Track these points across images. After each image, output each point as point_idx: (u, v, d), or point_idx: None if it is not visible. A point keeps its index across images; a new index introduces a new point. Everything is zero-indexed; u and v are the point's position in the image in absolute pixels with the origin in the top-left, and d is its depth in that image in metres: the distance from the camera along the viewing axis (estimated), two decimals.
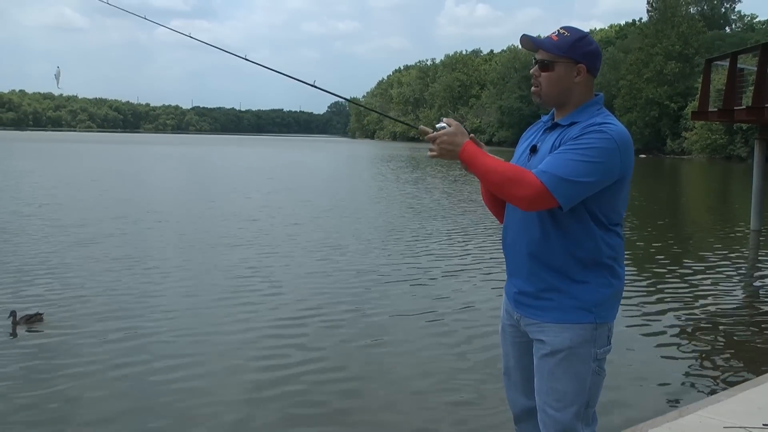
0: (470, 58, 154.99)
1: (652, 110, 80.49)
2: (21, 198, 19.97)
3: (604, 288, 2.94)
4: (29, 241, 12.73)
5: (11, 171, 30.98)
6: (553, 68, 2.97)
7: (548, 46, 2.97)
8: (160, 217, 16.81)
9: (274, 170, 38.49)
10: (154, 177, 32.81)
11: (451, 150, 2.94)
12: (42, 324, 7.57)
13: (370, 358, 7.01)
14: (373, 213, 18.91)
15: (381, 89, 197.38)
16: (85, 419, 5.41)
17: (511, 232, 3.11)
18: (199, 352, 6.94)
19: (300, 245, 13.08)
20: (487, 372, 6.52)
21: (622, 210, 3.00)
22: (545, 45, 2.98)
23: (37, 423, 5.31)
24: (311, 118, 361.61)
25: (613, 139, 2.81)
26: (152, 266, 10.83)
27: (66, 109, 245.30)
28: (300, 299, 9.05)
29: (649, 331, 8.14)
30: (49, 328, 7.52)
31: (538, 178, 2.77)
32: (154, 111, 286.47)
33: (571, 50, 2.94)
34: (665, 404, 5.91)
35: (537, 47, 3.00)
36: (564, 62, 2.96)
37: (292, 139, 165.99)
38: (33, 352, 6.79)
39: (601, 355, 2.99)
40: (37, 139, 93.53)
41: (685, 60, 79.87)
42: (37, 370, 6.33)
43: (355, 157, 62.01)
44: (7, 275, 9.94)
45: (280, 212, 18.21)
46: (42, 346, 6.96)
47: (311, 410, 5.67)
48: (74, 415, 5.47)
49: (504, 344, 3.30)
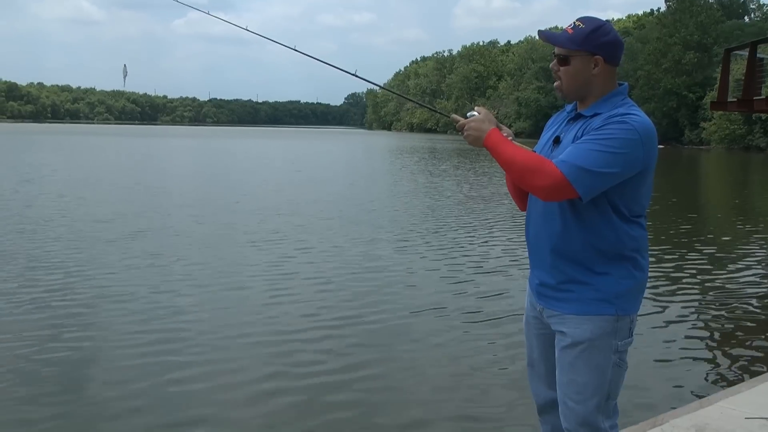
0: (487, 49, 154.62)
1: (671, 100, 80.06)
2: (49, 191, 20.07)
3: (626, 280, 2.93)
4: (58, 236, 12.77)
5: (39, 164, 31.10)
6: (570, 62, 2.96)
7: (563, 40, 2.96)
8: (193, 211, 16.76)
9: (300, 162, 38.41)
10: (181, 170, 32.69)
11: (477, 136, 3.00)
12: (71, 319, 7.64)
13: (396, 350, 7.02)
14: (405, 206, 18.76)
15: (398, 80, 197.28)
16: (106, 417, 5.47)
17: (534, 224, 3.12)
18: (225, 347, 7.00)
19: (336, 240, 12.91)
20: (512, 362, 6.54)
21: (646, 202, 2.99)
22: (560, 39, 2.96)
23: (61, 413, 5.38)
24: (328, 109, 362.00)
25: (635, 129, 2.79)
26: (193, 262, 10.77)
27: (84, 101, 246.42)
28: (341, 296, 8.96)
29: (669, 323, 8.12)
30: (78, 324, 7.58)
31: (558, 168, 2.77)
32: (171, 103, 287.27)
33: (585, 42, 2.92)
34: (686, 395, 5.91)
35: (553, 42, 3.00)
36: (580, 55, 2.94)
37: (309, 131, 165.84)
38: (60, 345, 6.87)
39: (622, 347, 2.98)
40: (57, 131, 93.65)
41: (704, 50, 79.30)
42: (63, 363, 6.40)
43: (378, 149, 61.52)
44: (43, 270, 9.97)
45: (314, 206, 17.95)
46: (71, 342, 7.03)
47: (335, 411, 5.68)
48: (95, 415, 5.50)
49: (528, 336, 3.31)
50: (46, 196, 18.76)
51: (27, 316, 7.62)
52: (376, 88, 4.05)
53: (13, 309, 7.88)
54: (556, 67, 3.01)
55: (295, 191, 21.81)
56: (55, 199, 18.05)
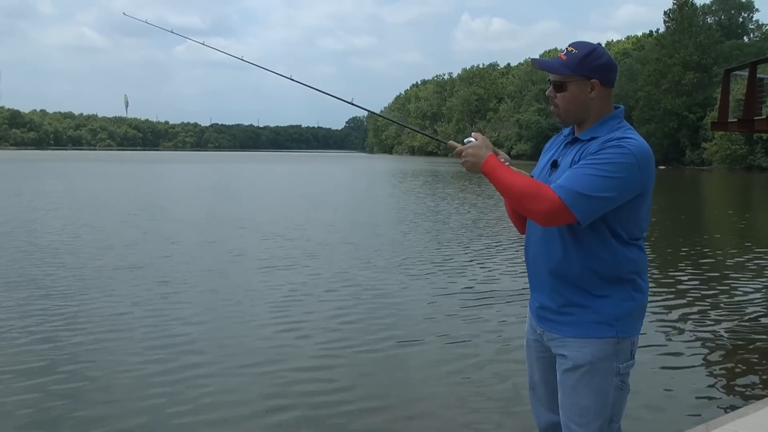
0: (487, 71, 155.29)
1: (671, 121, 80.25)
2: (53, 219, 20.12)
3: (625, 302, 2.94)
4: (63, 263, 12.79)
5: (44, 191, 31.18)
6: (567, 87, 2.98)
7: (557, 66, 2.97)
8: (200, 238, 16.81)
9: (305, 187, 38.46)
10: (186, 196, 32.62)
11: (475, 162, 3.01)
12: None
13: (395, 372, 6.99)
14: (413, 230, 18.75)
15: (398, 104, 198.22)
16: None
17: (533, 248, 3.12)
18: (225, 359, 6.98)
19: (343, 266, 12.80)
20: (514, 386, 6.50)
21: (644, 224, 2.99)
22: (554, 66, 2.98)
23: None
24: (329, 133, 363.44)
25: (632, 153, 2.80)
26: (199, 289, 10.77)
27: (86, 127, 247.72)
28: (348, 323, 8.84)
29: (672, 345, 8.07)
30: (81, 352, 7.57)
31: (556, 193, 2.78)
32: (173, 129, 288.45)
33: (580, 67, 2.93)
34: (692, 418, 5.86)
35: (547, 69, 3.02)
36: (576, 80, 2.95)
37: (311, 155, 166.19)
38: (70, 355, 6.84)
39: (624, 369, 2.98)
40: (60, 158, 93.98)
41: (704, 70, 79.61)
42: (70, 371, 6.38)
43: (381, 173, 61.19)
44: (47, 298, 9.96)
45: (322, 232, 17.80)
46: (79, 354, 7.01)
47: None
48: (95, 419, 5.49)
49: (529, 359, 3.31)
50: (50, 223, 18.76)
51: (30, 347, 7.56)
52: (373, 114, 4.07)
53: (15, 337, 7.85)
54: (553, 94, 3.03)
55: (302, 216, 21.72)
56: (60, 227, 18.02)
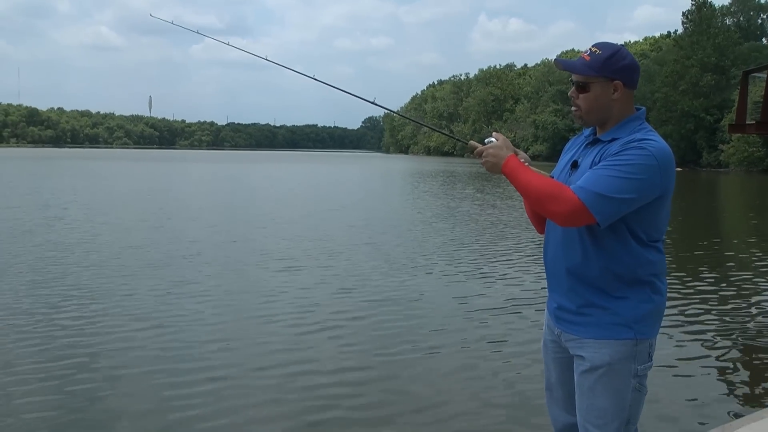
0: (504, 72, 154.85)
1: (688, 123, 79.79)
2: (73, 218, 20.23)
3: (644, 304, 2.93)
4: (83, 262, 12.89)
5: (62, 189, 31.34)
6: (589, 88, 2.98)
7: (580, 67, 2.97)
8: (219, 238, 16.86)
9: (325, 187, 38.52)
10: (205, 196, 32.72)
11: (495, 163, 3.02)
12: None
13: (410, 374, 6.98)
14: (433, 232, 18.71)
15: (415, 104, 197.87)
16: None
17: (552, 249, 3.13)
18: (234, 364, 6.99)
19: (364, 268, 12.72)
20: (530, 387, 6.49)
21: (663, 227, 2.99)
22: (577, 67, 2.98)
23: None
24: (345, 133, 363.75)
25: (653, 155, 2.79)
26: (220, 290, 10.75)
27: (103, 126, 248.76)
28: (368, 327, 8.77)
29: (688, 348, 8.05)
30: (98, 352, 7.61)
31: (576, 194, 2.78)
32: (189, 127, 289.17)
33: (604, 68, 2.93)
34: (708, 423, 5.83)
35: (570, 70, 3.02)
36: (599, 81, 2.95)
37: (327, 154, 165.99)
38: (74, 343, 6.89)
39: (642, 371, 2.97)
40: (77, 156, 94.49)
41: (721, 72, 79.09)
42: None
43: (399, 173, 60.55)
44: (66, 298, 10.03)
45: (344, 234, 17.69)
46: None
47: None
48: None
49: (546, 359, 3.31)
50: (70, 222, 18.77)
51: (47, 345, 7.61)
52: (398, 115, 4.05)
53: (33, 338, 7.88)
54: (575, 94, 3.03)
55: (322, 217, 21.73)
56: (79, 225, 18.09)
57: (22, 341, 7.63)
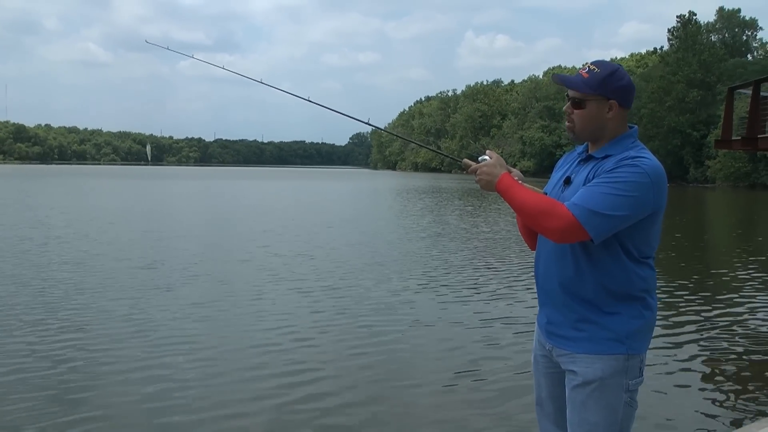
0: (491, 88, 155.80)
1: (675, 138, 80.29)
2: (65, 235, 20.12)
3: (635, 319, 2.95)
4: (73, 279, 12.82)
5: (50, 206, 31.18)
6: (585, 105, 3.00)
7: (578, 84, 3.00)
8: (212, 254, 16.76)
9: (315, 205, 38.35)
10: (195, 213, 32.65)
11: (489, 181, 3.05)
12: None
13: (396, 389, 6.97)
14: (428, 247, 18.76)
15: (402, 120, 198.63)
16: None
17: (543, 264, 3.14)
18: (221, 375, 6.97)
19: (364, 284, 12.73)
20: (520, 402, 6.49)
21: (655, 243, 3.01)
22: (575, 83, 3.01)
23: None
24: (333, 149, 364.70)
25: (646, 173, 2.83)
26: (216, 307, 10.76)
27: (90, 142, 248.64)
28: (365, 347, 8.62)
29: (678, 363, 8.07)
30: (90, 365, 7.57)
31: (570, 210, 2.81)
32: (177, 144, 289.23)
33: (601, 87, 2.96)
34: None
35: (568, 86, 3.05)
36: (595, 99, 2.98)
37: (315, 171, 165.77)
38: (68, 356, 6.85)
39: (633, 386, 2.99)
40: (65, 173, 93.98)
41: (707, 88, 79.73)
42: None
43: (388, 189, 60.62)
44: (56, 315, 9.99)
45: (342, 251, 17.51)
46: None
47: None
48: None
49: (536, 375, 3.32)
50: (61, 239, 18.69)
51: (39, 365, 7.58)
52: (392, 135, 4.06)
53: (23, 361, 7.85)
54: (570, 110, 3.06)
55: (316, 234, 21.64)
56: (72, 241, 18.06)
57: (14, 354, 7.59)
